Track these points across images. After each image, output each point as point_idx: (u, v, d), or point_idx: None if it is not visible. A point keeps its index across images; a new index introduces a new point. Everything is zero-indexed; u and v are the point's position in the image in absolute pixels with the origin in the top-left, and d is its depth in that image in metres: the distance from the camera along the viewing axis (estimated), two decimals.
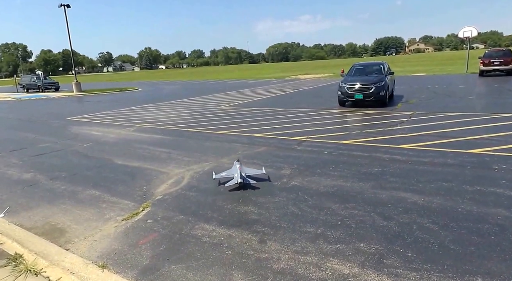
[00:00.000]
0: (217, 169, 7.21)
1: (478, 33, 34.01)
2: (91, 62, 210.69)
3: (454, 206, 4.90)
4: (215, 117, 14.48)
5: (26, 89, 42.21)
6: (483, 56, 28.73)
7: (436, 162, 6.99)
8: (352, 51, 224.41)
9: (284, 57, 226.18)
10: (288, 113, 14.53)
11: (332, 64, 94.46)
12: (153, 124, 13.41)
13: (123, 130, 12.51)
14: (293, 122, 12.38)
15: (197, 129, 11.94)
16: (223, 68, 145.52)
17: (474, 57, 35.37)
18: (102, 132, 12.45)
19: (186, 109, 17.76)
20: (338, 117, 13.33)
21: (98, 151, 9.43)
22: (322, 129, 10.94)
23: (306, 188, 5.90)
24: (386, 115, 12.98)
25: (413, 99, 17.15)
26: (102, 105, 22.23)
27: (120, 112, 18.02)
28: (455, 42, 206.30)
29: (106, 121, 14.85)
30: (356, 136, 9.80)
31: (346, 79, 15.96)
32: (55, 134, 12.40)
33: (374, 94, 14.77)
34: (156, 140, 10.67)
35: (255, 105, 17.95)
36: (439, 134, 9.41)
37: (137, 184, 6.50)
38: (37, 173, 7.57)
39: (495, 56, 28.19)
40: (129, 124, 13.84)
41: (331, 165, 7.12)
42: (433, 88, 22.17)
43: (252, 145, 9.31)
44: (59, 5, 34.32)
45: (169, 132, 11.77)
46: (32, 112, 20.89)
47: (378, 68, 16.80)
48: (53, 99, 29.45)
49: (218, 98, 23.17)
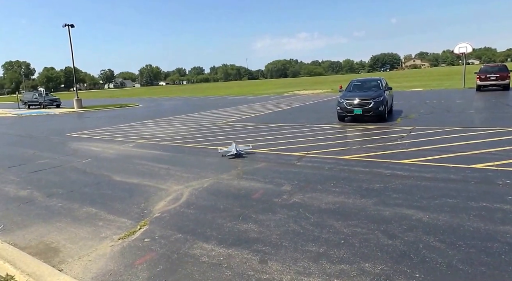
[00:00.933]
0: (216, 185, 7.10)
1: (473, 49, 34.44)
2: (93, 79, 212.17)
3: (461, 224, 4.77)
4: (215, 133, 14.42)
5: (28, 106, 42.33)
6: (479, 71, 28.92)
7: (439, 178, 6.88)
8: (349, 67, 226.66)
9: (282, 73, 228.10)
10: (288, 129, 14.48)
11: (330, 80, 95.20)
12: (152, 140, 13.33)
13: (123, 146, 12.42)
14: (293, 138, 12.31)
15: (196, 145, 11.85)
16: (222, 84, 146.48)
17: (470, 72, 35.65)
18: (102, 148, 12.36)
19: (186, 125, 17.72)
20: (338, 132, 13.27)
21: (96, 167, 9.32)
22: (322, 144, 10.86)
23: (307, 205, 5.77)
24: (386, 130, 12.93)
25: (412, 114, 17.14)
26: (102, 121, 22.21)
27: (120, 128, 17.96)
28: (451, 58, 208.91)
29: (106, 137, 14.78)
30: (356, 151, 9.71)
31: (345, 95, 15.98)
32: (54, 150, 12.30)
33: (373, 109, 14.76)
34: (155, 156, 10.58)
35: (254, 121, 17.92)
36: (440, 149, 9.32)
37: (135, 201, 6.37)
38: (34, 190, 7.44)
39: (491, 71, 28.44)
40: (128, 140, 13.76)
41: (332, 181, 7.01)
42: (431, 103, 22.21)
43: (252, 161, 9.21)
44: (63, 25, 34.71)
45: (169, 148, 11.68)
46: (33, 128, 20.84)
47: (376, 84, 16.87)
48: (54, 115, 29.46)
49: (218, 113, 23.18)
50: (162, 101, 43.62)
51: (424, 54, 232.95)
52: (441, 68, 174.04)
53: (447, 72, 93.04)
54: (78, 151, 11.93)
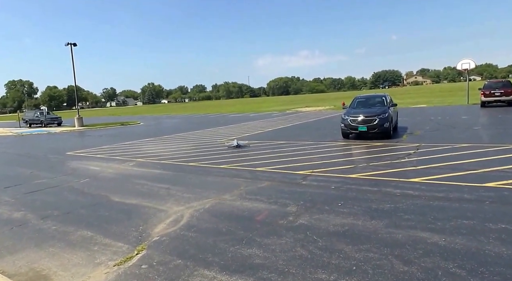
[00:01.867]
0: (218, 206, 6.80)
1: (475, 65, 34.48)
2: (95, 98, 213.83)
3: (480, 248, 4.44)
4: (217, 151, 14.16)
5: (29, 124, 42.35)
6: (483, 88, 28.93)
7: (451, 197, 6.57)
8: (351, 84, 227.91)
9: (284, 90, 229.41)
10: (291, 146, 14.22)
11: (332, 97, 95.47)
12: (153, 159, 13.09)
13: (122, 165, 12.16)
14: (297, 155, 12.03)
15: (198, 164, 11.59)
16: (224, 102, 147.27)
17: (473, 88, 35.61)
18: (101, 167, 12.11)
19: (187, 143, 17.50)
20: (343, 150, 12.99)
21: (94, 187, 9.04)
22: (327, 162, 10.58)
23: (314, 227, 5.46)
24: (392, 147, 12.65)
25: (418, 130, 16.90)
26: (103, 140, 22.03)
27: (121, 146, 17.75)
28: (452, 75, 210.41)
29: (106, 156, 14.54)
30: (363, 169, 9.42)
31: (349, 112, 15.79)
32: (53, 170, 12.05)
33: (378, 126, 14.54)
34: (155, 175, 10.30)
35: (256, 138, 17.69)
36: (450, 167, 9.03)
37: (133, 224, 6.06)
38: (29, 212, 7.14)
39: (495, 87, 28.44)
40: (128, 158, 13.52)
41: (339, 201, 6.70)
42: (436, 119, 22.01)
43: (255, 180, 8.92)
44: (66, 43, 35.06)
45: (169, 167, 11.42)
46: (32, 147, 20.65)
47: (380, 100, 16.70)
48: (55, 134, 29.34)
49: (220, 131, 22.98)
50: (164, 119, 43.60)
51: (425, 71, 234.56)
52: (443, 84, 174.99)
53: (449, 88, 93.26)
54: (76, 170, 11.67)
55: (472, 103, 33.86)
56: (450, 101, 41.33)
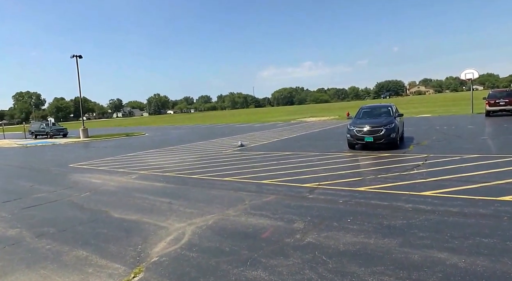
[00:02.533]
0: (221, 222, 6.49)
1: (478, 75, 34.34)
2: (102, 109, 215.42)
3: (505, 270, 4.09)
4: (221, 163, 13.89)
5: (35, 136, 42.43)
6: (488, 97, 28.87)
7: (467, 213, 6.22)
8: (354, 94, 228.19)
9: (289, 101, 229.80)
10: (297, 157, 13.92)
11: (336, 107, 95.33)
12: (156, 171, 12.83)
13: (125, 178, 11.92)
14: (303, 167, 11.73)
15: (201, 176, 11.31)
16: (229, 112, 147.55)
17: (476, 98, 35.41)
18: (103, 180, 11.87)
19: (191, 154, 17.25)
20: (349, 161, 12.66)
21: (94, 202, 8.77)
22: (334, 174, 10.26)
23: (323, 246, 5.13)
24: (399, 158, 12.32)
25: (425, 140, 16.57)
26: (107, 151, 21.86)
27: (124, 158, 17.55)
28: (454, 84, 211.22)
29: (109, 168, 14.32)
30: (371, 182, 9.09)
31: (354, 122, 15.52)
32: (53, 183, 11.81)
33: (385, 136, 14.25)
34: (157, 188, 10.03)
35: (262, 149, 17.41)
36: (462, 179, 8.69)
37: (131, 242, 5.77)
38: (24, 229, 6.86)
39: (500, 96, 28.42)
40: (131, 170, 13.28)
41: (348, 217, 6.37)
42: (442, 129, 21.68)
43: (260, 193, 8.61)
44: (71, 55, 35.20)
45: (172, 180, 11.15)
46: (35, 159, 20.51)
47: (386, 110, 16.43)
48: (59, 145, 29.25)
49: (224, 142, 22.75)
50: (169, 130, 43.50)
51: (427, 81, 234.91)
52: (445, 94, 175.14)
53: (452, 98, 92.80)
54: (78, 183, 11.43)
55: (476, 112, 33.60)
56: (454, 110, 40.98)
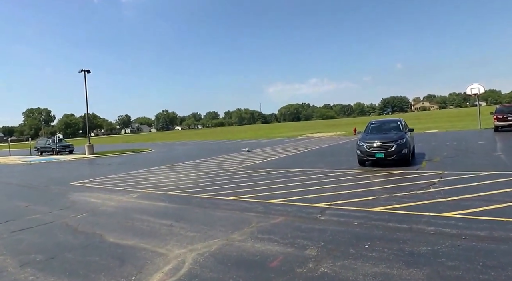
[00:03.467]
0: (226, 248, 5.92)
1: (484, 90, 34.01)
2: (110, 125, 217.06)
3: None
4: (227, 180, 13.36)
5: (41, 152, 42.27)
6: (496, 112, 28.75)
7: (496, 237, 5.61)
8: (360, 110, 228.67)
9: (295, 117, 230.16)
10: (306, 175, 13.35)
11: (342, 123, 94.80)
12: (159, 189, 12.33)
13: (126, 197, 11.41)
14: (312, 185, 11.15)
15: (206, 195, 10.77)
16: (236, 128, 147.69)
17: (482, 113, 35.16)
18: (102, 199, 11.37)
19: (197, 171, 16.74)
20: (361, 178, 12.05)
21: (90, 224, 8.24)
22: (345, 193, 9.67)
23: (340, 278, 4.54)
24: (413, 176, 11.71)
25: (437, 157, 15.98)
26: (111, 168, 21.45)
27: (128, 175, 17.09)
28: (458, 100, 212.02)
29: (110, 186, 13.84)
30: (386, 201, 8.49)
31: (364, 137, 14.97)
32: (50, 203, 11.32)
33: (396, 152, 13.68)
34: (159, 209, 9.50)
35: (269, 166, 16.87)
36: (483, 198, 8.08)
37: (125, 273, 5.19)
38: (9, 256, 6.27)
39: (507, 111, 28.29)
40: (133, 189, 12.79)
41: (365, 242, 5.78)
42: (452, 144, 21.10)
43: (267, 214, 8.05)
44: (79, 70, 35.26)
45: (175, 199, 10.62)
46: (38, 176, 20.12)
47: (395, 125, 15.91)
48: (63, 162, 28.93)
49: (231, 158, 22.25)
50: (176, 146, 43.19)
51: (431, 97, 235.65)
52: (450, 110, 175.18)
53: (457, 113, 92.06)
54: (76, 203, 10.93)
55: (484, 127, 33.01)
56: (460, 126, 40.36)
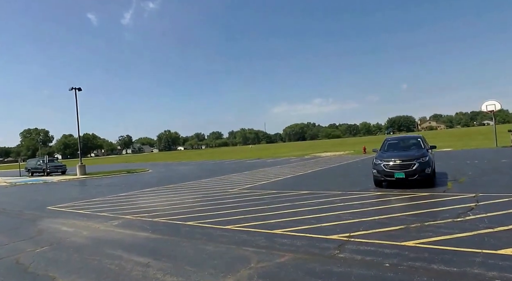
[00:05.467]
0: None
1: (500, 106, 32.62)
2: (111, 145, 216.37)
3: None
4: (225, 204, 11.66)
5: (31, 173, 40.52)
6: None
7: None
8: (366, 130, 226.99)
9: (301, 136, 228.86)
10: (316, 198, 11.62)
11: (349, 142, 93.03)
12: (145, 215, 10.65)
13: (104, 225, 9.73)
14: (325, 210, 9.44)
15: (198, 223, 9.08)
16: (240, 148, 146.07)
17: (491, 131, 34.19)
18: (76, 227, 9.68)
19: (193, 194, 15.04)
20: (381, 202, 10.30)
21: (46, 263, 6.53)
22: (366, 221, 7.96)
23: None
24: (442, 199, 9.97)
25: (462, 177, 14.26)
26: (99, 190, 19.77)
27: (115, 198, 15.40)
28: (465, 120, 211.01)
29: (91, 211, 12.17)
30: (420, 232, 6.78)
31: (381, 155, 13.31)
32: (15, 232, 9.59)
33: (418, 171, 12.02)
34: (138, 241, 7.78)
35: (274, 187, 15.13)
36: None
37: None
38: None
39: None
40: (116, 214, 11.12)
41: None
42: (474, 163, 19.42)
43: (271, 250, 6.33)
44: (70, 88, 33.87)
45: (161, 228, 8.91)
46: (15, 199, 18.22)
47: (415, 142, 14.31)
48: (50, 184, 27.10)
49: (232, 179, 20.53)
50: (176, 166, 41.52)
51: (438, 116, 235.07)
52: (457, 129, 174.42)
53: (466, 132, 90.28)
54: (43, 233, 9.21)
55: (501, 145, 31.38)
56: (473, 144, 38.74)
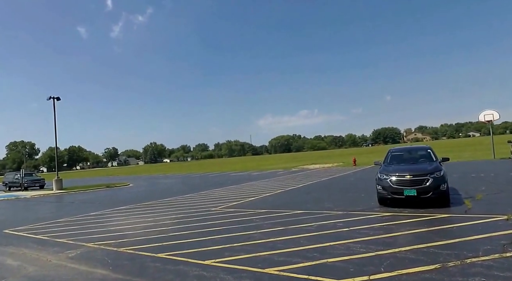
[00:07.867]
0: None
1: (499, 116, 31.94)
2: (96, 158, 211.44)
3: None
4: (206, 228, 9.83)
5: (8, 187, 38.08)
6: None
7: None
8: (352, 141, 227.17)
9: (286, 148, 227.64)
10: (313, 220, 9.87)
11: (336, 154, 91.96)
12: (111, 242, 8.76)
13: (57, 257, 7.81)
14: (328, 238, 7.70)
15: (172, 254, 7.24)
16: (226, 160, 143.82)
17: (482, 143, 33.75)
18: (23, 260, 7.74)
19: (171, 213, 13.13)
20: (395, 227, 8.54)
21: None
22: (385, 255, 6.24)
23: None
24: (468, 224, 8.26)
25: (477, 193, 12.65)
26: (70, 208, 17.67)
27: (84, 218, 13.41)
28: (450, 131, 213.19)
29: (50, 236, 10.22)
30: (464, 276, 5.09)
31: (385, 169, 11.66)
32: None
33: (433, 188, 10.38)
34: None
35: (261, 206, 13.32)
36: None
37: None
38: None
39: None
40: (77, 241, 9.20)
41: None
42: (480, 176, 18.05)
43: None
44: (48, 97, 31.90)
45: (124, 263, 7.03)
46: None
47: (425, 153, 12.75)
48: (22, 200, 24.73)
49: (216, 194, 18.65)
50: (159, 180, 39.32)
51: (423, 128, 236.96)
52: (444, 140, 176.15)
53: (457, 144, 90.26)
54: None
55: (499, 157, 30.44)
56: (467, 156, 37.79)
